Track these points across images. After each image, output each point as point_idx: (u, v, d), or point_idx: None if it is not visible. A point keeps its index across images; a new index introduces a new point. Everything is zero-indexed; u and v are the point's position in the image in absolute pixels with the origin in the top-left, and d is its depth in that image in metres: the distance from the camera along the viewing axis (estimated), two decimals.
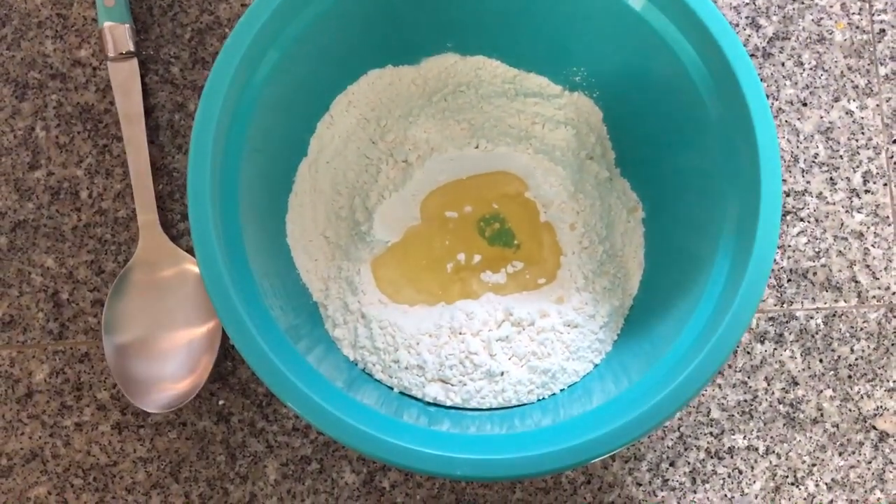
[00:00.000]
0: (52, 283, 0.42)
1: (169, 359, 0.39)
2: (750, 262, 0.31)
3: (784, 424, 0.41)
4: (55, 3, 0.44)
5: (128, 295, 0.40)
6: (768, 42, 0.44)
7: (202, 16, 0.44)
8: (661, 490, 0.40)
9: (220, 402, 0.41)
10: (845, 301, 0.42)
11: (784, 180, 0.43)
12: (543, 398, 0.37)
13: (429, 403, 0.37)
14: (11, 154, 0.43)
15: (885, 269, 0.42)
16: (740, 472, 0.41)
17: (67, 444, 0.41)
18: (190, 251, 0.41)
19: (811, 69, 0.44)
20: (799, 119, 0.44)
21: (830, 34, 0.44)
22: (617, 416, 0.31)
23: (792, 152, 0.43)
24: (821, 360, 0.41)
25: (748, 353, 0.42)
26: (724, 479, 0.40)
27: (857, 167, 0.43)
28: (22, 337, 0.42)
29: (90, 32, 0.44)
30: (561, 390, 0.38)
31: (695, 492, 0.40)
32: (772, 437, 0.41)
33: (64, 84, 0.44)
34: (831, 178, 0.43)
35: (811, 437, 0.41)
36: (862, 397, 0.41)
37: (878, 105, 0.44)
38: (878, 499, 0.41)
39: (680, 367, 0.32)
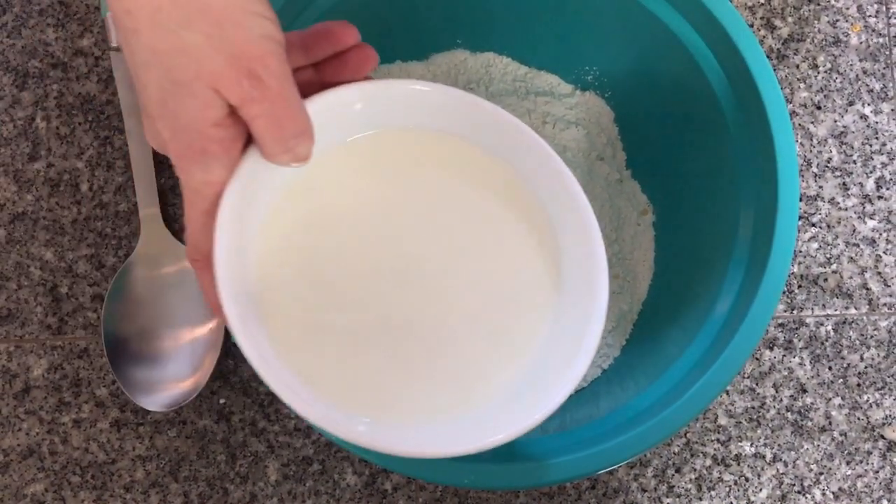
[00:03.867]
0: (50, 277, 0.41)
1: (171, 357, 0.39)
2: (766, 272, 0.31)
3: (792, 432, 0.40)
4: None
5: (128, 291, 0.40)
6: (783, 44, 0.43)
7: None
8: (667, 497, 0.40)
9: (221, 401, 0.40)
10: (856, 308, 0.41)
11: None
12: None
13: None
14: (11, 144, 0.42)
15: None
16: (747, 480, 0.40)
17: (65, 441, 0.40)
18: None
19: (826, 72, 0.43)
20: (812, 123, 0.43)
21: (846, 37, 0.44)
22: (626, 427, 0.30)
23: (805, 156, 0.43)
24: (830, 368, 0.41)
25: (756, 359, 0.41)
26: (730, 486, 0.40)
27: (871, 173, 0.42)
28: (20, 331, 0.41)
29: (93, 21, 0.43)
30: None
31: (700, 499, 0.40)
32: (779, 445, 0.40)
33: (65, 74, 0.43)
34: (844, 184, 0.42)
35: (819, 446, 0.40)
36: (871, 406, 0.41)
37: (892, 110, 0.43)
38: None
39: (691, 377, 0.31)
